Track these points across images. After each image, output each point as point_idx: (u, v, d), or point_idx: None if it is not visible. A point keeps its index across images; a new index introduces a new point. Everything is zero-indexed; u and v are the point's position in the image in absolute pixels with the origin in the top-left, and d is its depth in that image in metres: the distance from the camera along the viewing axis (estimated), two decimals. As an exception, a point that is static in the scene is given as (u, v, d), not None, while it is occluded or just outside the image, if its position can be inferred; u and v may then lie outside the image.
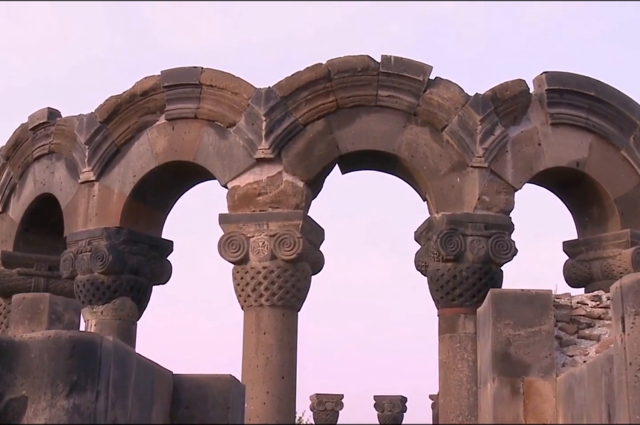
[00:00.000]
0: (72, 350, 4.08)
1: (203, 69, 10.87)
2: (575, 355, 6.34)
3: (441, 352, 10.35)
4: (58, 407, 4.01)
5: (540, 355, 6.24)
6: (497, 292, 6.40)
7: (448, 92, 10.55)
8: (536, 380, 6.22)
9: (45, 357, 4.02)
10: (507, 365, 6.27)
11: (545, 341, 6.26)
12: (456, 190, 10.45)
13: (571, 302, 6.49)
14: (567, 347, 6.43)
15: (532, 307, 6.29)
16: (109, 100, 11.22)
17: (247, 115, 10.57)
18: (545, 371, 6.24)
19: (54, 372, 4.04)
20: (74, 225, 11.30)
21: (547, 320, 6.29)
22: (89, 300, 10.97)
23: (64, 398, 4.04)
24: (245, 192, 10.52)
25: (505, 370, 6.27)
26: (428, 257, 10.53)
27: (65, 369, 4.05)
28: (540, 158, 10.75)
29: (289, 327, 10.31)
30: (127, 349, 4.66)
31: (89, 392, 4.09)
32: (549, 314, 6.29)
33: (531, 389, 6.20)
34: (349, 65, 10.51)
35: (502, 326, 6.28)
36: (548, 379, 6.20)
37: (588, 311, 6.44)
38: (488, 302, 6.46)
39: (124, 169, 11.14)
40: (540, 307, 6.28)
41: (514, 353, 6.27)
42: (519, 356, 6.27)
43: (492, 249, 10.29)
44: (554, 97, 10.82)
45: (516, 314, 6.28)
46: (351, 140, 10.56)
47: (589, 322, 6.48)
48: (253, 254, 10.33)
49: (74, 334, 4.18)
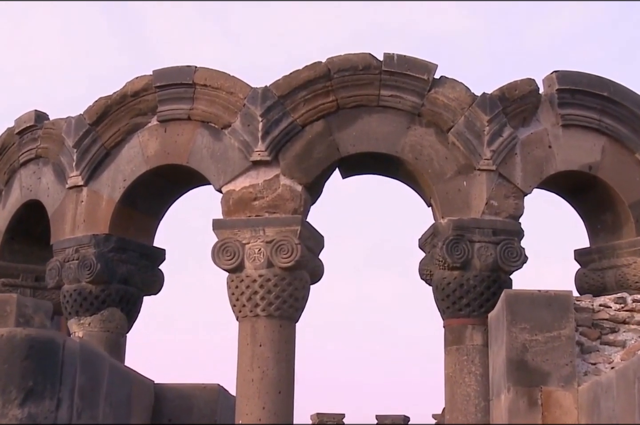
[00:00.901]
0: (29, 351, 3.49)
1: (197, 68, 10.40)
2: (598, 363, 5.77)
3: (447, 366, 9.82)
4: (10, 417, 3.43)
5: (560, 363, 5.68)
6: (511, 293, 5.84)
7: (454, 92, 10.07)
8: (556, 390, 5.65)
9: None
10: (523, 373, 5.70)
11: (566, 347, 5.70)
12: (463, 194, 9.96)
13: (593, 304, 5.94)
14: (588, 354, 5.86)
15: (551, 309, 5.73)
16: (98, 101, 10.74)
17: (242, 115, 10.11)
18: (566, 380, 5.67)
19: (7, 377, 3.45)
20: (61, 232, 10.80)
21: (567, 324, 5.73)
22: (75, 311, 10.46)
23: (17, 407, 3.46)
24: (240, 197, 10.04)
25: (522, 380, 5.70)
26: (433, 265, 10.03)
27: (19, 372, 3.47)
28: (551, 161, 10.26)
29: (286, 339, 9.82)
30: (98, 352, 4.10)
31: (48, 400, 3.51)
32: (569, 317, 5.73)
33: (550, 400, 5.62)
34: (350, 64, 10.04)
35: (517, 331, 5.72)
36: (569, 388, 5.63)
37: (612, 314, 5.88)
38: (501, 305, 5.90)
39: (114, 173, 10.65)
40: (560, 310, 5.73)
41: (530, 360, 5.71)
42: (536, 364, 5.70)
43: (500, 256, 9.78)
44: (565, 98, 10.33)
45: (533, 318, 5.72)
46: (352, 142, 10.08)
47: (612, 327, 5.91)
48: (248, 262, 9.84)
49: (31, 332, 3.60)
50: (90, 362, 3.90)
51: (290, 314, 9.87)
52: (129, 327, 10.75)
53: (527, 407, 5.67)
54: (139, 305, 10.86)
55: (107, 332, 10.45)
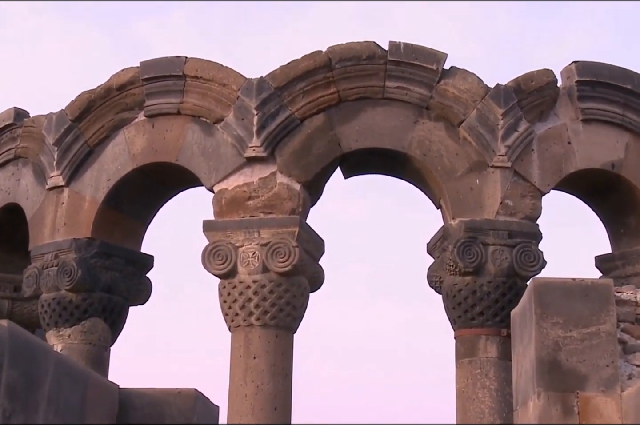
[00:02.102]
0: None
1: (187, 59, 9.71)
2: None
3: (459, 380, 9.04)
4: None
5: (599, 364, 4.83)
6: (541, 282, 5.00)
7: (465, 83, 9.36)
8: (595, 395, 4.79)
9: None
10: (556, 376, 4.85)
11: (606, 345, 4.85)
12: (475, 193, 9.21)
13: (636, 297, 5.11)
14: (632, 354, 5.02)
15: (588, 301, 4.89)
16: (81, 95, 10.02)
17: (236, 109, 9.38)
18: (607, 384, 4.82)
19: None
20: (40, 237, 10.01)
21: (608, 318, 4.89)
22: (54, 322, 9.67)
23: None
24: (233, 196, 9.31)
25: (554, 383, 4.84)
26: (443, 270, 9.24)
27: None
28: (571, 158, 9.49)
29: (282, 350, 9.07)
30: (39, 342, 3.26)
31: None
32: (609, 310, 4.89)
33: (588, 408, 4.77)
34: (353, 53, 9.36)
35: (548, 326, 4.87)
36: (611, 394, 4.78)
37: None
38: (529, 297, 5.07)
39: (97, 172, 9.90)
40: (598, 302, 4.89)
41: (564, 360, 4.85)
42: (571, 365, 4.85)
43: (517, 261, 9.03)
44: (586, 90, 9.60)
45: (567, 311, 4.87)
46: (355, 137, 9.37)
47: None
48: (242, 266, 9.10)
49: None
50: (26, 354, 3.08)
51: (288, 324, 9.13)
52: (112, 340, 9.95)
53: (561, 416, 4.81)
54: (123, 315, 10.05)
55: (88, 345, 9.67)
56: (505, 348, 8.89)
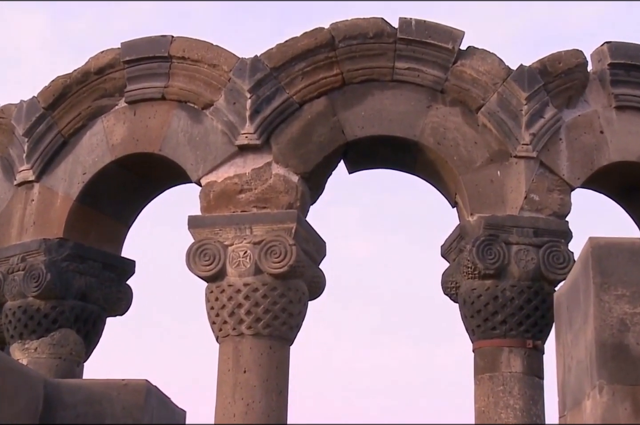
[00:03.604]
0: None
1: (173, 38, 8.83)
2: None
3: (478, 399, 8.02)
4: None
5: (680, 348, 3.74)
6: (600, 243, 3.89)
7: (484, 64, 8.48)
8: (675, 389, 3.70)
9: None
10: (623, 365, 3.72)
11: (688, 323, 3.76)
12: (496, 186, 8.28)
13: None
14: None
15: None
16: (55, 81, 9.11)
17: (227, 92, 8.48)
18: (690, 374, 3.73)
19: None
20: (6, 238, 9.06)
21: (689, 288, 3.80)
22: (19, 334, 8.67)
23: None
24: (223, 189, 8.40)
25: (621, 374, 3.71)
26: (460, 274, 8.23)
27: None
28: (603, 149, 8.55)
29: (277, 363, 8.10)
30: None
31: None
32: (690, 279, 3.81)
33: (667, 404, 3.67)
34: (359, 30, 8.52)
35: (612, 300, 3.76)
36: (695, 386, 3.68)
37: None
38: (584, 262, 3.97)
39: (72, 165, 8.96)
40: (677, 268, 3.81)
41: (634, 344, 3.75)
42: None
43: (544, 262, 8.08)
44: (619, 75, 8.71)
45: (636, 280, 3.78)
46: (360, 123, 8.50)
47: None
48: (231, 267, 8.16)
49: None
50: None
51: (283, 333, 8.17)
52: (87, 353, 8.92)
53: (631, 415, 3.69)
54: (99, 326, 9.04)
55: (58, 359, 8.64)
56: (531, 362, 7.96)
